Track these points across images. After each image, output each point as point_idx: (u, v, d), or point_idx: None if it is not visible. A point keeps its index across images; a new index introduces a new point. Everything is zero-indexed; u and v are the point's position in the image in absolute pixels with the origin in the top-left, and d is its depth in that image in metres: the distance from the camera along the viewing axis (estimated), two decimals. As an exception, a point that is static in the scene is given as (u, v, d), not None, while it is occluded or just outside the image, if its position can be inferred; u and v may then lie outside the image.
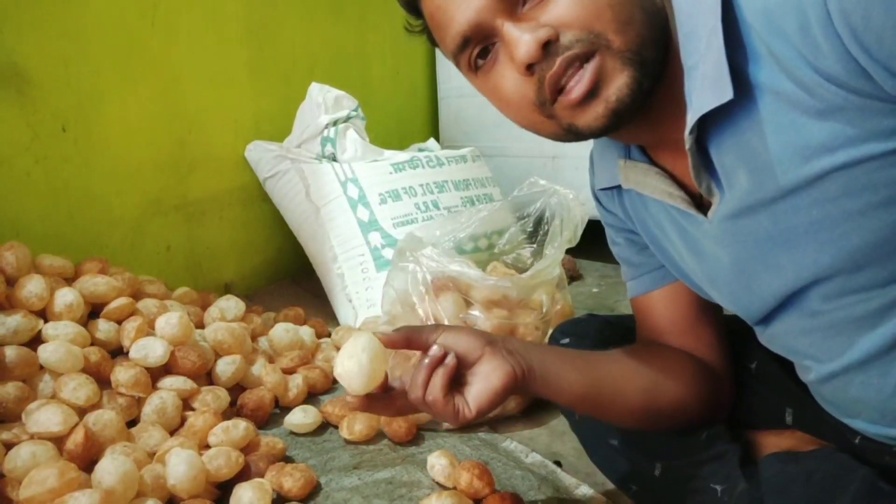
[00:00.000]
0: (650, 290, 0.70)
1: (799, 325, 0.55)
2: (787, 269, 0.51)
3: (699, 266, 0.60)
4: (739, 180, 0.49)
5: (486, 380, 0.59)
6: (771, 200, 0.48)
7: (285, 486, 0.81)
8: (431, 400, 0.59)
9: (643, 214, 0.65)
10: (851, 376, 0.53)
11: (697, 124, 0.48)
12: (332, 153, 1.55)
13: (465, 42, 0.52)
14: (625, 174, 0.62)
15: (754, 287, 0.55)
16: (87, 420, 0.83)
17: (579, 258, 1.87)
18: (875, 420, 0.55)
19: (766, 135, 0.46)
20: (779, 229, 0.49)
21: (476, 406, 0.58)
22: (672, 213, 0.59)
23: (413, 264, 1.04)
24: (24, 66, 1.17)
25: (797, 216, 0.48)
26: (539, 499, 0.82)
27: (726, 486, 0.65)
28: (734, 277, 0.56)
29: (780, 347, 0.60)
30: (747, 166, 0.48)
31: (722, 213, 0.53)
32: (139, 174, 1.40)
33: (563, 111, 0.50)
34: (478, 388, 0.59)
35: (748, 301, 0.57)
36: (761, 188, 0.48)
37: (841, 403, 0.57)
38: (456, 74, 2.07)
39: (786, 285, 0.52)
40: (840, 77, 0.41)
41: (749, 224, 0.51)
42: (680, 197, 0.56)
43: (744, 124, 0.47)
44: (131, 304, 1.03)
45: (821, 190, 0.45)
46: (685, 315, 0.69)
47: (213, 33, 1.54)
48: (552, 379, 0.63)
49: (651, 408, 0.66)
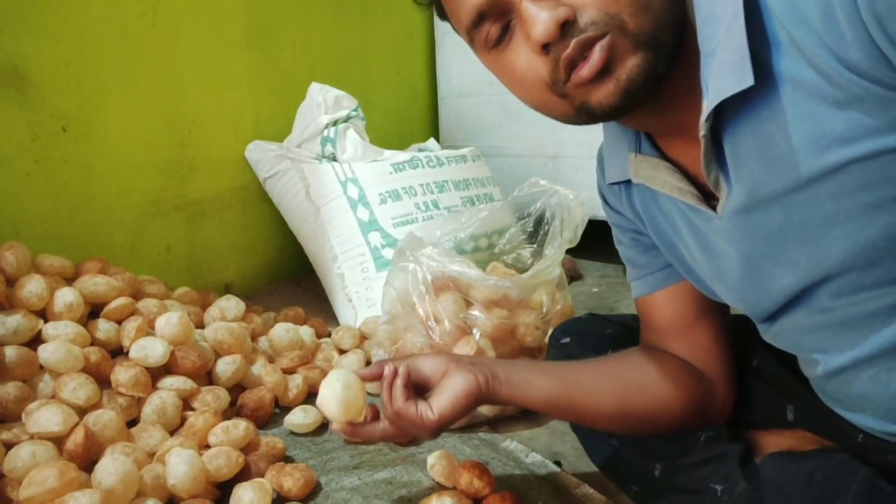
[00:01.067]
0: (653, 290, 0.70)
1: (807, 321, 0.54)
2: (798, 265, 0.50)
3: (708, 263, 0.60)
4: (752, 172, 0.49)
5: (449, 388, 0.65)
6: (785, 193, 0.47)
7: (285, 486, 0.81)
8: (397, 408, 0.65)
9: (653, 210, 0.64)
10: (859, 371, 0.52)
11: (714, 112, 0.48)
12: (332, 153, 1.55)
13: (481, 17, 0.51)
14: (635, 168, 0.61)
15: (764, 284, 0.54)
16: (87, 420, 0.83)
17: (579, 258, 1.87)
18: (880, 416, 0.55)
19: (784, 124, 0.45)
20: (791, 224, 0.49)
21: (438, 409, 0.65)
22: (683, 209, 0.59)
23: (413, 264, 1.04)
24: (24, 66, 1.17)
25: (811, 209, 0.47)
26: (539, 499, 0.82)
27: (726, 486, 0.65)
28: (743, 274, 0.56)
29: (786, 343, 0.59)
30: (763, 156, 0.47)
31: (731, 208, 0.52)
32: (139, 175, 1.40)
33: (575, 89, 0.49)
34: (441, 396, 0.65)
35: (757, 298, 0.57)
36: (776, 179, 0.47)
37: (846, 399, 0.57)
38: (456, 75, 2.10)
39: (796, 282, 0.51)
40: (862, 66, 0.40)
41: (760, 219, 0.50)
42: (690, 192, 0.55)
43: (763, 113, 0.46)
44: (131, 304, 1.03)
45: (837, 182, 0.45)
46: (684, 318, 0.69)
47: (214, 34, 1.54)
48: (519, 384, 0.67)
49: (625, 411, 0.67)
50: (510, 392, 0.67)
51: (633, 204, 0.67)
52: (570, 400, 0.67)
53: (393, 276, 1.09)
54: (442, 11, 0.57)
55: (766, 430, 0.71)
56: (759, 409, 0.72)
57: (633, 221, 0.69)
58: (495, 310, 1.03)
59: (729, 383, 0.70)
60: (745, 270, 0.55)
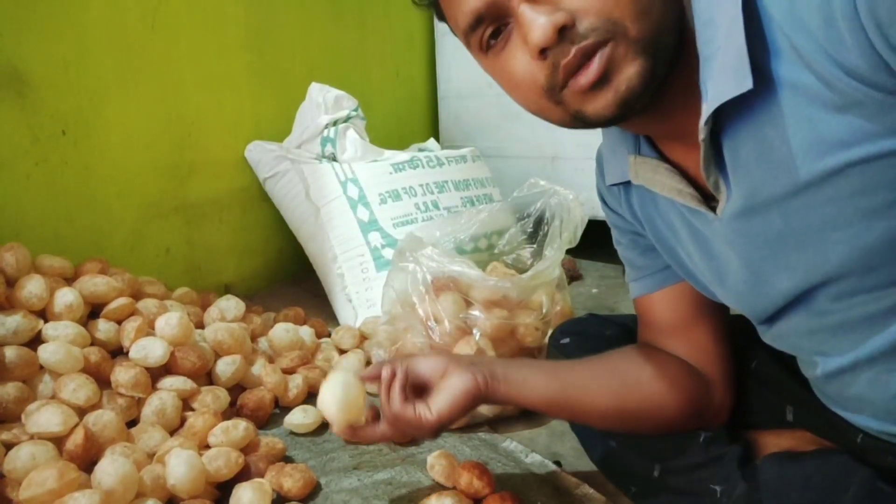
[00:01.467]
0: (651, 291, 0.70)
1: (806, 324, 0.54)
2: (797, 269, 0.50)
3: (707, 266, 0.60)
4: (751, 175, 0.49)
5: (448, 388, 0.66)
6: (784, 197, 0.47)
7: (285, 487, 0.81)
8: (396, 410, 0.66)
9: (652, 212, 0.64)
10: (858, 372, 0.53)
11: (713, 115, 0.47)
12: (331, 153, 1.55)
13: (478, 20, 0.50)
14: (634, 170, 0.61)
15: (762, 287, 0.54)
16: (86, 420, 0.83)
17: (579, 258, 1.87)
18: (880, 417, 0.55)
19: (783, 128, 0.45)
20: (791, 228, 0.49)
21: (437, 410, 0.66)
22: (682, 212, 0.59)
23: (413, 264, 1.04)
24: (24, 69, 1.17)
25: (810, 214, 0.47)
26: (539, 499, 0.82)
27: (726, 487, 0.65)
28: (743, 278, 0.56)
29: (785, 345, 0.59)
30: (762, 160, 0.47)
31: (731, 211, 0.52)
32: (139, 177, 1.40)
33: (572, 97, 0.49)
34: (439, 396, 0.66)
35: (755, 301, 0.57)
36: (775, 183, 0.47)
37: (845, 400, 0.57)
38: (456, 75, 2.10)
39: (795, 286, 0.52)
40: (862, 71, 0.40)
41: (760, 223, 0.50)
42: (690, 194, 0.55)
43: (762, 117, 0.46)
44: (131, 305, 1.04)
45: (836, 186, 0.45)
46: (683, 318, 0.69)
47: (213, 36, 1.54)
48: (517, 383, 0.68)
49: (622, 409, 0.68)
50: (508, 391, 0.67)
51: (632, 206, 0.67)
52: (567, 398, 0.68)
53: (393, 277, 1.09)
54: (441, 13, 0.56)
55: (765, 431, 0.71)
56: (759, 409, 0.72)
57: (632, 223, 0.69)
58: (495, 310, 1.03)
59: (727, 383, 0.70)
60: (745, 273, 0.55)
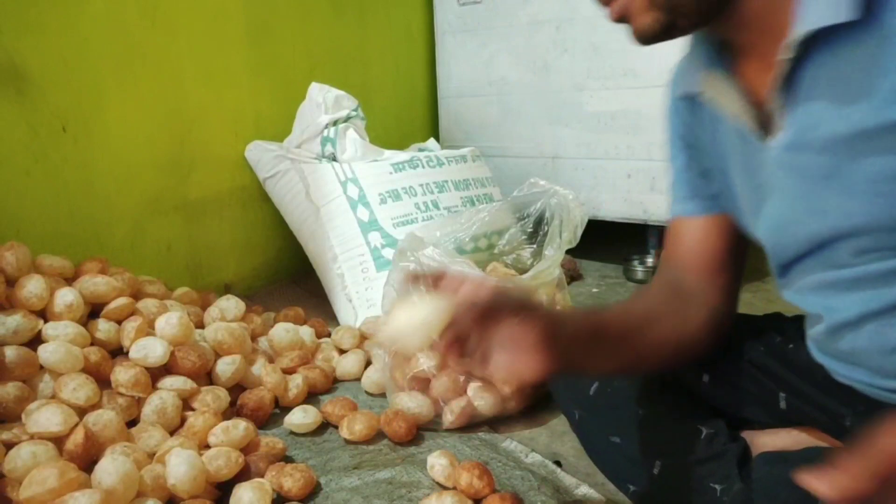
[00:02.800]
0: (693, 214, 0.70)
1: (821, 276, 0.55)
2: (828, 213, 0.51)
3: (750, 194, 0.60)
4: (819, 109, 0.49)
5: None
6: (846, 137, 0.47)
7: (285, 486, 0.81)
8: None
9: (712, 132, 0.65)
10: (863, 325, 0.54)
11: (803, 38, 0.47)
12: (332, 153, 1.55)
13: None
14: (704, 84, 0.62)
15: (792, 227, 0.55)
16: (87, 420, 0.83)
17: (579, 258, 1.87)
18: (875, 371, 0.56)
19: (878, 70, 0.45)
20: (838, 171, 0.49)
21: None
22: (738, 136, 0.59)
23: (413, 264, 1.04)
24: (23, 65, 1.17)
25: (865, 161, 0.47)
26: (539, 499, 0.82)
27: (725, 485, 0.65)
28: (778, 212, 0.56)
29: (796, 297, 0.60)
30: (838, 96, 0.47)
31: (785, 141, 0.52)
32: (139, 174, 1.40)
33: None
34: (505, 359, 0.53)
35: (782, 239, 0.58)
36: (841, 122, 0.47)
37: (843, 354, 0.58)
38: (456, 74, 2.10)
39: (821, 231, 0.52)
40: None
41: (809, 159, 0.51)
42: (751, 115, 0.56)
43: (857, 53, 0.46)
44: (131, 304, 1.03)
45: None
46: (712, 254, 0.69)
47: (214, 33, 1.54)
48: (582, 364, 0.62)
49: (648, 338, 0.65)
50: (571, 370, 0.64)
51: (699, 121, 0.67)
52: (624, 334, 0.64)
53: (393, 277, 1.09)
54: None
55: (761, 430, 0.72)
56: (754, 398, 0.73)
57: (698, 136, 0.69)
58: (495, 310, 1.03)
59: (732, 314, 0.71)
60: (780, 207, 0.56)
